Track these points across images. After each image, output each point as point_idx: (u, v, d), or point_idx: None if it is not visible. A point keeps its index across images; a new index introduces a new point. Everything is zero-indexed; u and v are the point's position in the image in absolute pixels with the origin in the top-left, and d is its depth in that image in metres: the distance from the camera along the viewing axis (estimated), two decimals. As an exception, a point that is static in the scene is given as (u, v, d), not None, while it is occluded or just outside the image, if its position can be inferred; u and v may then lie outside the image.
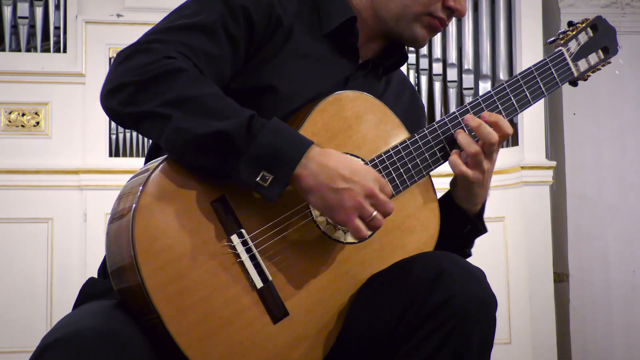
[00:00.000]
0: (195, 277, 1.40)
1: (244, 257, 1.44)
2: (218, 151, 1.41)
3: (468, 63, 5.38)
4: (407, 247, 1.59)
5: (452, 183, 1.69)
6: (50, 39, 5.12)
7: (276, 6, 1.60)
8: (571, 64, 1.73)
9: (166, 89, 1.43)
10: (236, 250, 1.43)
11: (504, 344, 4.89)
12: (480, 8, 5.40)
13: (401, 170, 1.59)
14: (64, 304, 4.66)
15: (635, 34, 5.29)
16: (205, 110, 1.42)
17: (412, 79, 5.38)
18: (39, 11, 5.06)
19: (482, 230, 1.72)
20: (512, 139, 5.22)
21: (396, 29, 1.67)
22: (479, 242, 1.74)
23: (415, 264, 1.49)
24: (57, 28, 5.12)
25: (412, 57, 5.32)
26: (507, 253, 4.97)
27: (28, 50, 5.09)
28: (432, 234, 1.62)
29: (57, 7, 5.10)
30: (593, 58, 1.76)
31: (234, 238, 1.44)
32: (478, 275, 1.47)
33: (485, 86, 5.27)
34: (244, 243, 1.44)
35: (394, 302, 1.47)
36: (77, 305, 1.53)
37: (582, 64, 1.75)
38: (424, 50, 5.39)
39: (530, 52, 5.06)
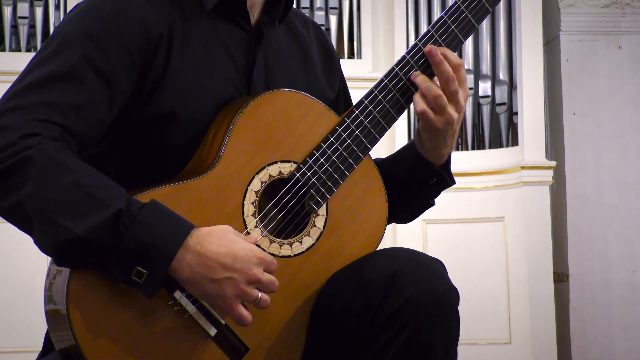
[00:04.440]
0: (146, 345, 1.35)
1: (191, 309, 1.38)
2: (85, 254, 1.32)
3: (468, 63, 5.37)
4: (358, 238, 1.54)
5: (416, 135, 1.63)
6: (50, 39, 5.12)
7: (148, 20, 1.47)
8: None
9: (22, 184, 1.32)
10: (182, 305, 1.37)
11: (504, 344, 4.89)
12: (480, 8, 5.39)
13: (337, 163, 1.52)
14: (64, 304, 4.64)
15: (635, 34, 5.28)
16: (66, 208, 1.31)
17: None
18: (39, 11, 5.05)
19: (450, 182, 1.66)
20: (512, 139, 5.22)
21: None
22: (479, 242, 1.73)
23: (367, 270, 1.43)
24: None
25: (412, 57, 5.31)
26: (507, 253, 4.97)
27: (28, 50, 5.08)
28: (382, 216, 1.57)
29: (57, 7, 5.09)
30: None
31: (177, 294, 1.37)
32: (434, 270, 1.42)
33: (485, 86, 5.26)
34: (189, 295, 1.38)
35: (349, 314, 1.42)
36: (44, 349, 1.52)
37: None
38: (424, 50, 5.37)
39: (530, 52, 5.04)
